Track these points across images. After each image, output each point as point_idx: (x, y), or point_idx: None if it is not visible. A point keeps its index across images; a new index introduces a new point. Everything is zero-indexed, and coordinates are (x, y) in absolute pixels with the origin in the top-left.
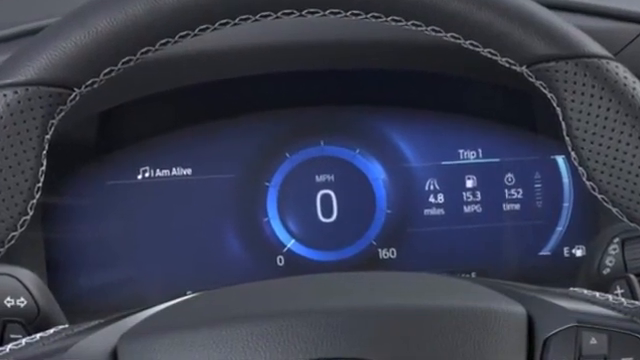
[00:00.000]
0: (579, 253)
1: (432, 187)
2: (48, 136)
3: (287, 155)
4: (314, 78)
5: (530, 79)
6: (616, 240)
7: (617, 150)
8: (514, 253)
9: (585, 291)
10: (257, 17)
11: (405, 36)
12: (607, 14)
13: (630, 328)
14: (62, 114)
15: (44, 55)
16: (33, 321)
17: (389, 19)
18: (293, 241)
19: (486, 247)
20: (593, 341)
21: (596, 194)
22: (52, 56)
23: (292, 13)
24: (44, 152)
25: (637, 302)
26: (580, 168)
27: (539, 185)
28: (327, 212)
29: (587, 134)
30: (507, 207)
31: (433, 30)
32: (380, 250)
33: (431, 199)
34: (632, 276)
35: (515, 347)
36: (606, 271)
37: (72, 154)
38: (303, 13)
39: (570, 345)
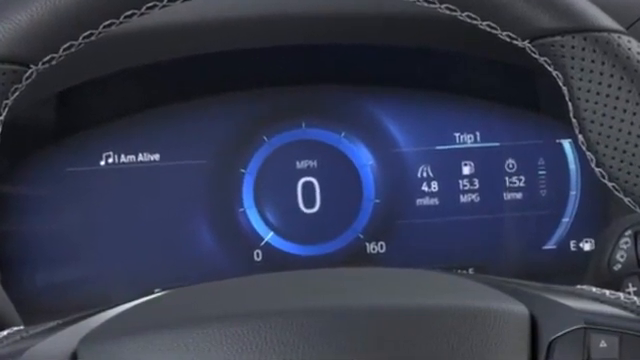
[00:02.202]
0: (587, 247)
1: (425, 174)
2: (1, 117)
3: (265, 139)
4: (295, 54)
5: (533, 55)
6: (628, 233)
7: (629, 133)
8: (516, 247)
9: (594, 289)
10: None
11: (395, 8)
12: None
13: None
14: (17, 93)
15: None
16: None
17: None
18: (271, 234)
19: (485, 240)
20: (603, 344)
21: (606, 182)
22: (5, 30)
23: None
24: None
25: None
26: (588, 153)
27: (543, 172)
28: (309, 202)
29: (596, 115)
30: (508, 196)
31: (426, 1)
32: (368, 244)
33: (424, 187)
34: None
35: (517, 350)
36: (617, 267)
37: (28, 138)
38: None
39: (577, 348)
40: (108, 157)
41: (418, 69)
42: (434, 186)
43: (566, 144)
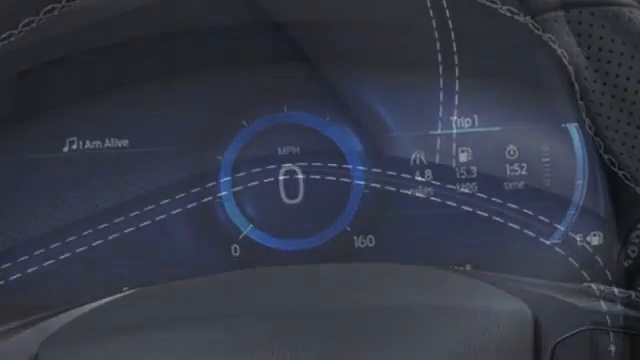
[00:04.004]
0: (595, 241)
1: (418, 161)
2: None
3: (243, 123)
4: (275, 29)
5: (537, 32)
6: None
7: None
8: (517, 241)
9: (602, 287)
10: None
11: None
12: None
13: None
14: None
15: None
16: None
17: None
18: (251, 226)
19: (483, 234)
20: (612, 346)
21: (615, 170)
22: None
23: None
24: None
25: None
26: (596, 138)
27: (547, 159)
28: (292, 192)
29: (605, 97)
30: (509, 186)
31: None
32: (355, 237)
33: (417, 176)
34: None
35: (519, 353)
36: (628, 263)
37: None
38: None
39: (584, 351)
40: (72, 143)
41: (410, 46)
42: (428, 174)
43: (572, 129)
